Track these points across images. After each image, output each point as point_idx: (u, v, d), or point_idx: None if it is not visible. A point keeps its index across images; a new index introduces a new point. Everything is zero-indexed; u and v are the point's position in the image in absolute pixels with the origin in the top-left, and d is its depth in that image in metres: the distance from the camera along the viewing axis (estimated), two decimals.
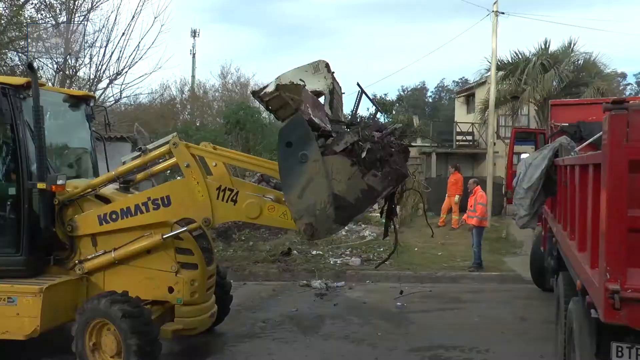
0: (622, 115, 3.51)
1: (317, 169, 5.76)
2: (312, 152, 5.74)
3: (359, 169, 5.79)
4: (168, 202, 6.82)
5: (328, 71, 7.06)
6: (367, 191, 5.83)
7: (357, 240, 16.35)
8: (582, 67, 25.15)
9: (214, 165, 7.35)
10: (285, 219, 6.50)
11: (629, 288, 3.48)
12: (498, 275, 13.06)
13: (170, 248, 7.12)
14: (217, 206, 6.69)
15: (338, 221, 5.96)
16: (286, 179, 5.94)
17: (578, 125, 10.03)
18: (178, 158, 6.91)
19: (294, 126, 5.81)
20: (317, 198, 5.82)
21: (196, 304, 7.31)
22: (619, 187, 3.53)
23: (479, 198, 13.53)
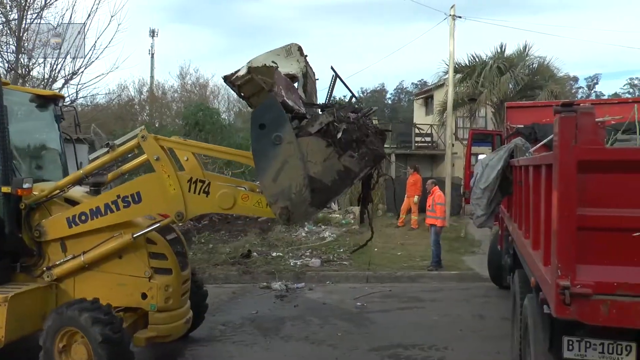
0: (571, 117, 3.62)
1: (291, 151, 5.62)
2: (286, 133, 5.60)
3: (334, 150, 5.67)
4: (139, 198, 6.59)
5: (301, 54, 6.89)
6: (343, 172, 5.71)
7: (317, 241, 16.40)
8: (536, 71, 25.74)
9: (185, 159, 7.16)
10: (259, 207, 6.32)
11: (579, 284, 3.60)
12: (457, 274, 13.27)
13: (143, 253, 6.91)
14: (189, 199, 6.49)
15: (314, 204, 5.82)
16: (260, 162, 5.77)
17: (533, 127, 10.26)
18: (147, 151, 6.67)
19: (267, 108, 5.65)
20: (292, 181, 5.67)
21: (170, 310, 7.07)
22: (569, 187, 3.64)
23: (436, 198, 13.73)
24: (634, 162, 3.83)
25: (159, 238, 7.01)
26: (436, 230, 13.67)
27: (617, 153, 4.01)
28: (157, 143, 6.63)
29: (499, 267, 10.67)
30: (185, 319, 7.41)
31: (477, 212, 8.32)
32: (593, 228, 3.77)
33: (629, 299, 3.64)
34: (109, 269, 6.92)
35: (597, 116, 10.26)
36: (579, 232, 3.67)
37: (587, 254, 3.74)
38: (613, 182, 3.82)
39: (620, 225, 3.80)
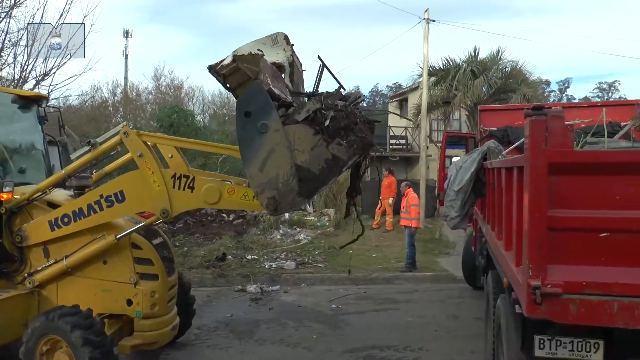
0: (542, 120, 3.70)
1: (278, 140, 5.46)
2: (272, 121, 5.43)
3: (322, 138, 5.53)
4: (122, 197, 6.41)
5: (287, 43, 6.70)
6: (331, 161, 5.57)
7: (292, 243, 16.42)
8: (509, 74, 26.07)
9: (170, 157, 6.98)
10: (246, 200, 6.19)
11: (549, 284, 3.68)
12: (431, 275, 13.39)
13: (128, 258, 6.74)
14: (174, 195, 6.31)
15: (302, 194, 5.64)
16: (246, 151, 5.60)
17: (505, 130, 10.42)
18: (130, 147, 6.48)
19: (252, 95, 5.50)
20: (279, 170, 5.51)
21: (156, 317, 6.88)
22: (540, 189, 3.71)
23: (411, 200, 13.85)
24: (601, 164, 3.91)
25: (144, 243, 6.85)
26: (410, 232, 13.77)
27: (586, 155, 4.11)
28: (139, 139, 6.47)
29: (473, 268, 10.80)
30: (172, 326, 7.24)
31: (451, 213, 8.41)
32: (563, 229, 3.84)
33: (597, 298, 3.73)
34: (93, 275, 6.75)
35: (567, 119, 10.52)
36: (550, 232, 3.75)
37: (557, 254, 3.81)
38: (582, 184, 3.89)
39: (589, 226, 3.86)
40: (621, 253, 3.84)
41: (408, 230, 13.79)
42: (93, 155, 6.84)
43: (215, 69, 5.99)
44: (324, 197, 21.72)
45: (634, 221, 3.82)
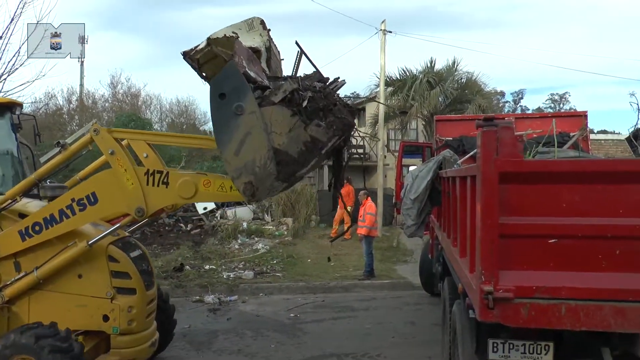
0: (492, 131, 3.85)
1: (254, 122, 5.26)
2: (248, 103, 5.23)
3: (300, 119, 5.34)
4: (95, 199, 6.11)
5: (264, 28, 6.46)
6: (310, 143, 5.38)
7: (251, 253, 16.38)
8: (465, 85, 26.68)
9: (145, 156, 6.62)
10: (223, 191, 5.96)
11: (501, 289, 3.81)
12: (389, 283, 13.53)
13: (104, 271, 6.41)
14: (148, 192, 6.03)
15: (280, 178, 5.44)
16: (221, 134, 5.38)
17: (461, 140, 10.66)
18: (101, 145, 6.19)
19: (227, 75, 5.27)
20: (256, 154, 5.30)
21: (134, 333, 6.54)
22: (491, 197, 3.85)
23: (367, 208, 13.98)
24: (549, 173, 4.08)
25: (122, 255, 6.54)
26: (368, 240, 13.90)
27: (534, 165, 4.27)
28: (110, 136, 6.22)
29: (430, 275, 10.97)
30: (151, 342, 6.89)
31: (407, 222, 8.54)
32: (514, 235, 3.98)
33: (546, 302, 3.88)
34: (67, 289, 6.39)
35: (520, 129, 10.82)
36: (501, 239, 3.88)
37: (508, 260, 3.95)
38: (531, 192, 4.05)
39: (539, 232, 4.02)
40: (568, 258, 4.01)
41: (365, 238, 13.92)
42: (64, 157, 6.52)
43: (189, 55, 5.80)
44: (282, 206, 21.78)
45: (580, 227, 4.00)
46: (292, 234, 19.31)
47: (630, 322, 3.85)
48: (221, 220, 19.94)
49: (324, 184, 28.54)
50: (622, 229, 3.98)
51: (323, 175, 29.14)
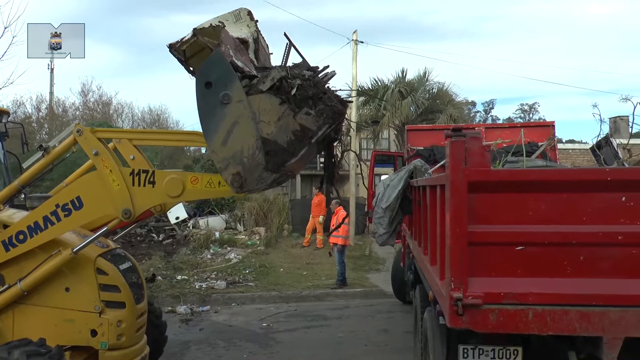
0: (461, 141, 3.95)
1: (242, 111, 5.10)
2: (235, 91, 5.08)
3: (289, 107, 5.19)
4: (80, 203, 5.88)
5: (251, 19, 6.28)
6: (300, 132, 5.22)
7: (223, 263, 16.34)
8: (436, 95, 27.01)
9: (131, 158, 6.48)
10: (212, 187, 5.81)
11: (470, 295, 3.91)
12: (362, 291, 13.61)
13: (92, 285, 6.17)
14: (135, 193, 5.83)
15: (269, 168, 5.23)
16: (207, 124, 5.20)
17: (432, 149, 10.82)
18: (85, 146, 5.97)
19: (213, 63, 5.13)
20: (243, 144, 5.13)
21: (124, 348, 6.30)
22: (460, 206, 3.95)
23: (340, 218, 14.06)
24: (516, 182, 4.20)
25: (110, 268, 6.31)
26: (339, 249, 13.97)
27: (502, 174, 4.38)
28: (94, 136, 6.00)
29: (402, 283, 11.09)
30: (141, 357, 6.66)
31: (379, 230, 8.62)
32: (482, 243, 4.09)
33: (514, 307, 3.99)
34: (53, 303, 6.14)
35: (491, 139, 10.99)
36: (470, 247, 3.98)
37: (477, 267, 4.05)
38: (499, 201, 4.15)
39: (507, 240, 4.13)
40: (535, 265, 4.12)
41: (337, 247, 13.99)
42: (47, 161, 6.30)
43: (175, 47, 5.69)
44: (254, 216, 21.74)
45: (545, 235, 4.12)
46: (265, 244, 19.30)
47: (594, 325, 3.98)
48: (193, 230, 19.85)
49: (297, 193, 28.63)
50: (585, 236, 4.12)
51: (296, 184, 29.23)
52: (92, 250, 6.28)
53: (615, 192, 4.15)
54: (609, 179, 4.21)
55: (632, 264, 4.10)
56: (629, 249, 4.12)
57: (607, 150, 8.83)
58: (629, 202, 4.13)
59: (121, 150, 6.48)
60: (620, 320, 3.97)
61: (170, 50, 5.85)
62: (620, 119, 24.36)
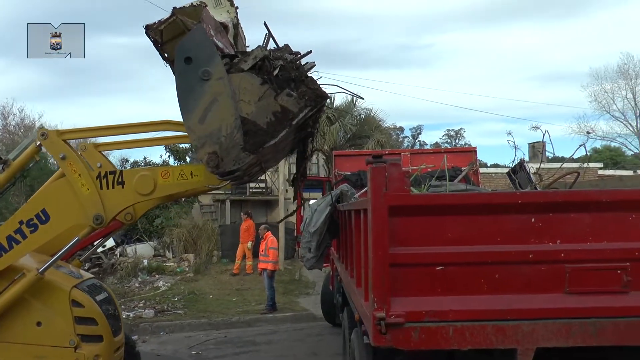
0: (382, 167, 4.16)
1: (221, 88, 4.96)
2: (215, 68, 4.95)
3: (270, 88, 5.08)
4: (46, 216, 5.62)
5: (231, 5, 6.18)
6: (280, 113, 5.08)
7: (151, 291, 16.06)
8: (364, 121, 27.60)
9: (99, 166, 5.98)
10: (184, 179, 5.64)
11: (392, 314, 4.10)
12: (291, 316, 13.65)
13: (67, 318, 5.77)
14: (105, 196, 5.59)
15: (247, 148, 5.07)
16: (185, 100, 5.02)
17: (359, 174, 11.06)
18: (51, 150, 5.71)
19: (193, 38, 4.98)
20: (222, 122, 4.98)
21: None
22: (382, 229, 4.15)
23: (269, 243, 14.12)
24: (434, 206, 4.45)
25: (87, 299, 5.91)
26: (268, 274, 13.99)
27: (421, 198, 4.62)
28: (60, 139, 5.70)
29: (331, 306, 11.20)
30: None
31: (307, 255, 8.72)
32: (404, 264, 4.30)
33: (435, 324, 4.22)
34: (23, 339, 5.73)
35: (416, 164, 11.33)
36: (392, 268, 4.18)
37: (399, 287, 4.25)
38: (419, 224, 4.38)
39: (427, 260, 4.36)
40: (454, 283, 4.37)
41: (266, 272, 14.01)
42: (8, 174, 5.98)
43: (152, 28, 5.53)
44: (183, 242, 21.48)
45: (463, 255, 4.38)
46: (194, 270, 19.08)
47: (509, 338, 4.27)
48: (121, 258, 19.43)
49: (227, 219, 28.41)
50: (499, 255, 4.41)
51: (225, 210, 29.00)
52: (66, 281, 5.97)
53: (526, 214, 4.46)
54: (520, 201, 4.52)
55: (541, 280, 4.42)
56: (539, 266, 4.43)
57: (522, 175, 9.31)
58: (538, 223, 4.45)
59: (87, 157, 6.10)
60: (532, 332, 4.27)
61: (146, 32, 5.65)
62: (538, 144, 25.68)
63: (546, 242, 4.44)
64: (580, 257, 4.42)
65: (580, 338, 4.29)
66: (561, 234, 4.45)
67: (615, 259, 4.43)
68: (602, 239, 4.47)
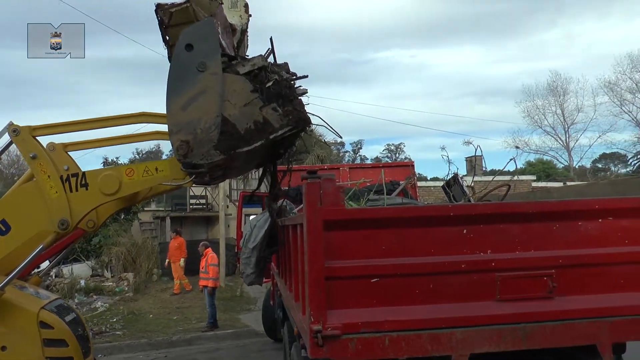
0: (316, 183, 4.23)
1: (213, 84, 5.02)
2: (213, 62, 5.01)
3: (259, 97, 5.13)
4: (6, 226, 5.43)
5: (246, 12, 6.28)
6: (261, 124, 5.15)
7: (89, 312, 15.64)
8: (303, 136, 27.63)
9: (65, 169, 5.82)
10: (149, 175, 5.56)
11: (329, 327, 4.15)
12: (233, 332, 13.56)
13: (35, 340, 5.52)
14: (70, 199, 5.44)
15: (219, 148, 5.12)
16: (175, 84, 5.05)
17: (298, 189, 11.06)
18: (22, 148, 5.50)
19: (201, 29, 5.04)
20: (203, 115, 5.02)
21: None
22: (317, 243, 4.22)
23: (209, 260, 14.01)
24: (368, 219, 4.53)
25: (56, 321, 5.69)
26: (209, 292, 13.85)
27: (354, 212, 4.71)
28: (31, 137, 5.51)
29: (272, 321, 11.19)
30: None
31: (246, 270, 8.69)
32: (340, 277, 4.36)
33: (371, 335, 4.29)
34: None
35: (355, 179, 11.48)
36: (328, 281, 4.24)
37: (335, 300, 4.31)
38: (353, 237, 4.45)
39: (362, 273, 4.43)
40: (389, 294, 4.46)
41: (207, 290, 13.86)
42: None
43: (163, 8, 5.54)
44: (122, 261, 21.05)
45: (398, 267, 4.48)
46: (134, 290, 18.70)
47: (444, 346, 4.38)
48: (56, 279, 18.85)
49: (166, 236, 27.98)
50: (433, 266, 4.53)
51: (165, 227, 28.58)
52: (33, 303, 5.77)
53: (458, 226, 4.61)
54: (452, 214, 4.67)
55: (474, 288, 4.57)
56: (471, 275, 4.58)
57: (456, 188, 9.57)
58: (470, 234, 4.60)
59: (55, 158, 5.96)
60: (465, 339, 4.40)
61: (156, 9, 5.65)
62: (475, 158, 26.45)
63: (478, 252, 4.59)
64: (510, 265, 4.60)
65: (511, 343, 4.45)
66: (492, 244, 4.62)
67: (542, 266, 4.63)
68: (529, 248, 4.66)
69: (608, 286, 4.71)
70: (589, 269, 4.71)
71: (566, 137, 49.78)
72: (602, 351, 4.55)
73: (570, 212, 4.79)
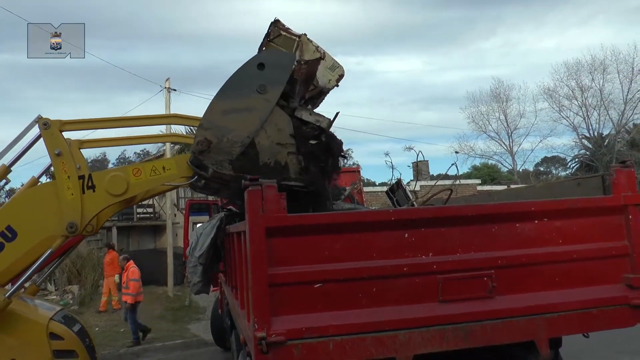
0: (257, 190, 4.25)
1: (261, 107, 5.16)
2: (273, 92, 5.16)
3: (294, 144, 5.29)
4: (12, 233, 5.33)
5: (336, 80, 6.36)
6: (280, 167, 5.31)
7: None
8: None
9: (77, 167, 5.67)
10: (157, 174, 5.60)
11: (273, 334, 4.17)
12: (181, 343, 13.41)
13: (45, 352, 5.46)
14: (83, 201, 5.41)
15: (233, 164, 5.28)
16: (231, 86, 5.19)
17: None
18: (49, 143, 5.37)
19: (282, 58, 5.22)
20: (236, 128, 5.16)
21: None
22: (259, 250, 4.24)
23: (130, 274, 13.47)
24: (310, 225, 4.57)
25: (66, 332, 5.64)
26: (128, 307, 13.45)
27: (297, 219, 4.71)
28: (60, 133, 5.40)
29: (221, 330, 11.10)
30: None
31: (193, 279, 8.61)
32: (283, 284, 4.38)
33: (316, 340, 4.33)
34: None
35: None
36: (271, 288, 4.26)
37: (279, 306, 4.33)
38: (296, 243, 4.49)
39: (305, 279, 4.47)
40: (333, 299, 4.51)
41: (125, 305, 13.49)
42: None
43: (279, 26, 5.79)
44: (67, 273, 20.53)
45: (341, 272, 4.53)
46: (79, 302, 18.24)
47: (388, 348, 4.46)
48: None
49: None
50: (376, 270, 4.60)
51: (112, 237, 28.03)
52: (41, 314, 5.69)
53: (399, 230, 4.69)
54: (393, 218, 4.75)
55: (416, 291, 4.66)
56: (413, 278, 4.67)
57: (400, 193, 9.71)
58: (411, 237, 4.70)
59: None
60: (408, 341, 4.50)
61: (273, 22, 5.85)
62: (421, 163, 26.93)
63: (419, 256, 4.69)
64: (451, 267, 4.71)
65: (453, 342, 4.57)
66: (433, 247, 4.73)
67: (482, 267, 4.76)
68: (469, 249, 4.80)
69: (544, 284, 4.88)
70: (527, 269, 4.88)
71: (510, 141, 51.23)
72: (540, 346, 4.70)
73: (507, 214, 4.95)
